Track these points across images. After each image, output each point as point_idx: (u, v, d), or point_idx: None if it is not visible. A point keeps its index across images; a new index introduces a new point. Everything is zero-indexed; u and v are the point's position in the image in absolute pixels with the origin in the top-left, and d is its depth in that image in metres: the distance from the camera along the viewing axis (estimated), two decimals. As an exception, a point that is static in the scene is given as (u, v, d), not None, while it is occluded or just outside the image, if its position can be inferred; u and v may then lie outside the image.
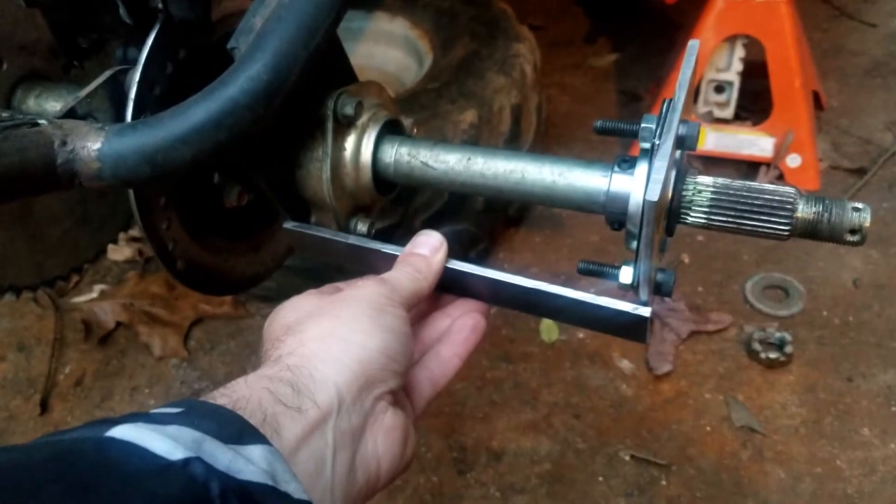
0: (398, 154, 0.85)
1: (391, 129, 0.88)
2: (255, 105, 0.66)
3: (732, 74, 1.95)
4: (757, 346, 1.46)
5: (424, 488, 1.26)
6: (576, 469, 1.27)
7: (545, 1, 3.02)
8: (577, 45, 2.68)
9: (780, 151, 1.94)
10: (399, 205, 1.32)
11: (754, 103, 2.01)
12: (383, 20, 1.77)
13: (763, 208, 0.74)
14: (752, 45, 1.89)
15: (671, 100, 0.75)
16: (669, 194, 0.70)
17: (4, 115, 0.69)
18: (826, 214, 0.71)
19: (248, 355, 1.54)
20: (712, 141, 1.97)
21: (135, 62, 0.78)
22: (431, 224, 1.46)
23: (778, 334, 1.47)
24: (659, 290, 0.76)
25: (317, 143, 0.83)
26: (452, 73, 1.48)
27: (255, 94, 0.65)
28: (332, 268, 1.47)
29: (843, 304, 1.57)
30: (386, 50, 1.78)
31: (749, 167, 1.98)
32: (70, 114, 0.72)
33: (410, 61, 1.76)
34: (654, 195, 0.64)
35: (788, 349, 1.44)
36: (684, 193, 0.75)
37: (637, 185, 0.75)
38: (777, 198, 0.72)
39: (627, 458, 1.29)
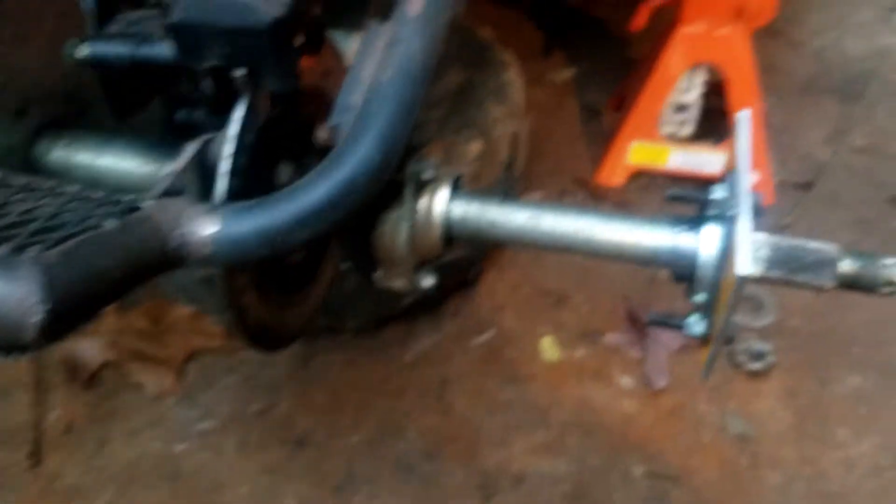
0: (466, 212, 0.88)
1: (456, 185, 0.90)
2: (369, 184, 0.67)
3: (693, 96, 2.07)
4: (741, 358, 1.57)
5: (451, 516, 1.30)
6: (594, 486, 1.34)
7: (501, 15, 3.07)
8: (534, 59, 2.75)
9: (739, 167, 2.07)
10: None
11: (714, 122, 2.13)
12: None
13: (811, 265, 0.81)
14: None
15: (733, 170, 0.81)
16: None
17: (98, 196, 0.67)
18: (864, 269, 0.80)
19: (251, 390, 1.52)
20: (678, 160, 2.08)
21: (204, 126, 0.78)
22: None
23: (758, 346, 1.59)
24: (729, 341, 0.82)
25: (393, 204, 0.85)
26: (452, 102, 1.51)
27: (370, 174, 0.67)
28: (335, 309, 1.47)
29: (810, 313, 1.70)
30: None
31: (711, 184, 2.09)
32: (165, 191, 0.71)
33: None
34: (745, 269, 0.70)
35: (770, 359, 1.56)
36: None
37: (704, 245, 0.81)
38: (822, 256, 0.79)
39: (640, 472, 1.36)
